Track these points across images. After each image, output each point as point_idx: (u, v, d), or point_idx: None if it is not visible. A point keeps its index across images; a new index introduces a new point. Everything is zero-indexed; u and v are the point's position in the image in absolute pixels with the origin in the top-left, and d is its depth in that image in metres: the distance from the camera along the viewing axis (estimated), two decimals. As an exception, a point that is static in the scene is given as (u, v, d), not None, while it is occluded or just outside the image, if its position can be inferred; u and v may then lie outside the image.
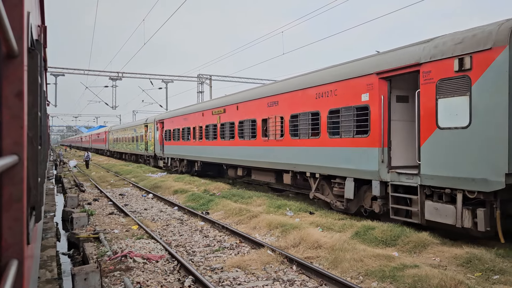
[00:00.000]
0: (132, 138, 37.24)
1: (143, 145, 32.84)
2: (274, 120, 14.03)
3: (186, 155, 23.23)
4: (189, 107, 23.79)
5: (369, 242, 8.19)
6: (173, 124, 25.33)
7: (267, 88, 15.36)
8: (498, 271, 6.27)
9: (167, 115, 27.80)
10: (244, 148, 16.18)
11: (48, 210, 12.45)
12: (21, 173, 1.35)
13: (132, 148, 37.54)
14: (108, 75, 39.10)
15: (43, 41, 4.58)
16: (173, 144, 25.32)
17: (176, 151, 24.81)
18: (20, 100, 1.36)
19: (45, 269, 6.79)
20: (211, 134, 19.31)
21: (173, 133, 25.23)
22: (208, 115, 19.88)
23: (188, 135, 22.66)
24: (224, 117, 18.11)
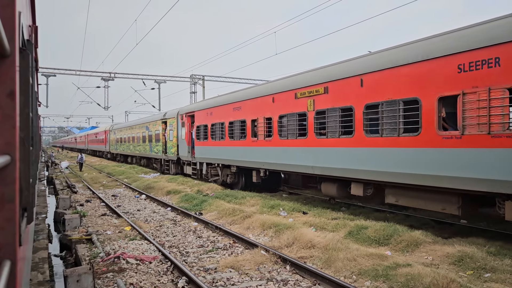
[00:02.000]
0: (143, 138, 30.78)
1: (159, 146, 26.40)
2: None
3: (236, 159, 16.25)
4: (244, 91, 16.74)
5: (362, 242, 8.23)
6: (212, 118, 18.53)
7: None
8: (489, 269, 6.33)
9: (200, 105, 20.62)
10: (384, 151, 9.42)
11: (40, 212, 12.34)
12: (13, 173, 1.34)
13: (142, 150, 31.07)
14: (100, 76, 38.86)
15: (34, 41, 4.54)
16: (210, 144, 18.57)
17: (217, 154, 17.84)
18: (12, 100, 1.35)
19: (37, 271, 6.73)
20: (294, 129, 12.58)
21: (212, 129, 18.31)
22: (286, 99, 12.98)
23: (243, 132, 15.69)
24: (326, 101, 11.19)
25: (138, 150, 32.54)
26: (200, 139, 19.77)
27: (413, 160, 8.64)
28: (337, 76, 10.94)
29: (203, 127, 19.54)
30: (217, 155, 17.95)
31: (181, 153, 22.45)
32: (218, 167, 18.22)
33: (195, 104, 22.65)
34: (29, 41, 2.69)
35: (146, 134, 30.14)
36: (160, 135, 26.32)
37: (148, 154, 29.72)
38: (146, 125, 30.27)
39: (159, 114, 28.07)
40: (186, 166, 22.32)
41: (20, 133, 1.61)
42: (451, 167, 7.84)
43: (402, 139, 8.96)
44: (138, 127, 32.58)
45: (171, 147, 24.06)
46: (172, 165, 24.75)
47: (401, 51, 9.26)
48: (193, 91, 40.90)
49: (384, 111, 9.35)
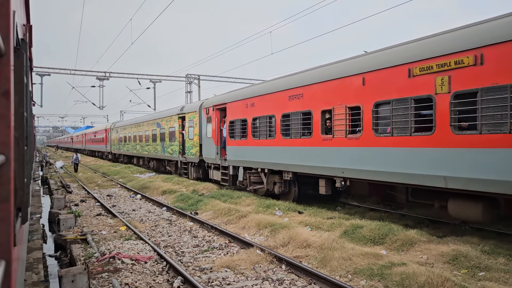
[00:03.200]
0: (153, 137, 26.98)
1: (175, 146, 22.76)
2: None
3: (294, 164, 12.28)
4: (308, 73, 12.17)
5: (358, 241, 8.26)
6: (253, 110, 14.26)
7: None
8: (483, 268, 6.38)
9: (235, 95, 16.08)
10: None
11: (34, 212, 12.28)
12: (8, 173, 1.33)
13: (152, 150, 27.18)
14: (95, 75, 38.67)
15: (28, 40, 4.52)
16: (251, 144, 14.40)
17: (262, 157, 13.74)
18: (6, 99, 1.34)
19: (31, 272, 6.70)
20: (407, 121, 8.57)
21: (254, 125, 14.24)
22: (391, 79, 9.00)
23: (306, 128, 11.80)
24: (479, 76, 7.26)
25: (147, 151, 28.55)
26: (235, 138, 15.44)
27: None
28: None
29: (239, 123, 15.27)
30: (261, 158, 13.76)
31: (206, 154, 18.16)
32: (262, 173, 14.06)
33: (226, 94, 17.06)
34: (24, 40, 2.67)
35: (157, 132, 26.21)
36: (176, 133, 22.53)
37: (160, 155, 25.60)
38: (157, 121, 26.28)
39: (174, 109, 23.55)
40: (212, 171, 17.90)
41: (15, 133, 1.60)
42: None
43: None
44: (147, 124, 28.63)
45: (191, 147, 20.17)
46: (191, 169, 20.73)
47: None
48: (189, 91, 40.84)
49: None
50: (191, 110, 20.64)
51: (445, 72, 7.81)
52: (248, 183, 14.88)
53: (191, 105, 21.65)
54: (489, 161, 7.02)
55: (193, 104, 21.33)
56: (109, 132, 42.52)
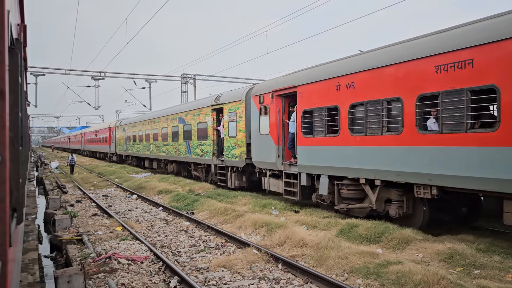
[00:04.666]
0: (174, 134, 22.36)
1: (207, 145, 18.16)
2: None
3: (440, 174, 7.79)
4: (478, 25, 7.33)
5: (354, 240, 8.28)
6: (353, 93, 9.86)
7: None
8: (479, 266, 6.42)
9: (313, 74, 11.43)
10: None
11: (30, 213, 12.21)
12: (3, 173, 1.32)
13: (173, 151, 22.54)
14: (90, 75, 38.52)
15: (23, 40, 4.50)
16: (346, 142, 10.11)
17: (373, 162, 9.35)
18: (1, 99, 1.34)
19: (27, 273, 6.66)
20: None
21: (354, 114, 9.91)
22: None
23: (487, 116, 7.67)
24: None
25: (165, 152, 23.88)
26: (314, 134, 11.03)
27: None
28: None
29: (323, 112, 10.66)
30: (370, 163, 9.35)
31: (258, 156, 13.86)
32: (367, 185, 9.68)
33: (298, 73, 12.21)
34: (18, 40, 2.66)
35: (179, 128, 21.55)
36: (208, 130, 18.02)
37: (184, 157, 21.00)
38: (179, 116, 21.68)
39: (205, 99, 19.35)
40: (268, 179, 13.57)
41: (10, 133, 1.59)
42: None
43: None
44: (165, 120, 23.95)
45: (233, 146, 15.79)
46: (232, 175, 16.11)
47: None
48: (184, 90, 40.78)
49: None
50: (233, 99, 15.91)
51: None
52: (336, 199, 10.56)
53: (232, 93, 16.62)
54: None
55: (236, 92, 16.31)
56: (114, 131, 37.61)
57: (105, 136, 41.17)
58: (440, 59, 7.74)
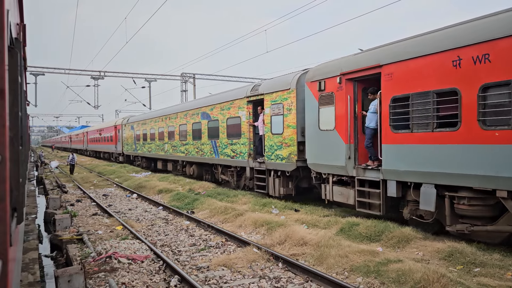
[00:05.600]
0: (195, 132, 19.38)
1: (241, 145, 15.30)
2: None
3: None
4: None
5: (354, 238, 8.29)
6: (487, 68, 6.88)
7: None
8: (479, 264, 6.42)
9: (411, 48, 8.47)
10: None
11: (30, 212, 12.21)
12: (3, 172, 1.32)
13: (194, 151, 19.60)
14: (89, 74, 38.52)
15: (22, 39, 4.49)
16: (473, 139, 7.16)
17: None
18: (1, 98, 1.34)
19: (27, 272, 6.66)
20: None
21: (493, 99, 6.84)
22: None
23: None
24: None
25: (184, 152, 20.93)
26: (414, 128, 8.25)
27: None
28: None
29: (433, 99, 7.87)
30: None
31: (317, 158, 11.17)
32: (510, 200, 6.88)
33: (385, 47, 9.32)
34: (17, 40, 2.66)
35: (202, 125, 18.49)
36: (242, 126, 15.12)
37: (209, 158, 17.98)
38: (202, 110, 18.61)
39: (237, 90, 16.53)
40: (331, 186, 10.78)
41: (10, 133, 1.59)
42: None
43: None
44: (183, 116, 21.05)
45: (279, 146, 12.94)
46: (275, 181, 13.18)
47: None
48: (184, 90, 40.77)
49: None
50: (278, 88, 13.06)
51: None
52: (448, 216, 7.82)
53: (276, 81, 13.62)
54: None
55: (282, 79, 13.33)
56: (120, 129, 34.78)
57: (111, 135, 38.19)
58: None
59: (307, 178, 12.42)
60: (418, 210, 8.52)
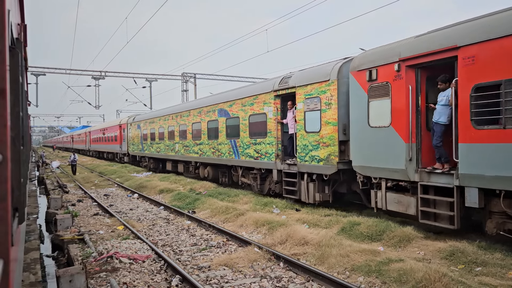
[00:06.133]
0: (211, 131, 17.77)
1: (266, 145, 13.70)
2: None
3: None
4: None
5: (355, 238, 8.28)
6: None
7: None
8: (480, 263, 6.42)
9: (504, 23, 6.76)
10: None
11: (31, 212, 12.22)
12: (5, 172, 1.32)
13: (210, 151, 17.86)
14: (90, 74, 38.57)
15: (23, 39, 4.50)
16: None
17: None
18: (3, 98, 1.34)
19: (28, 272, 6.67)
20: None
21: None
22: None
23: None
24: None
25: (197, 152, 19.28)
26: (508, 124, 6.70)
27: None
28: None
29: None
30: None
31: (366, 159, 9.65)
32: None
33: (462, 25, 7.74)
34: (18, 40, 2.66)
35: (220, 123, 16.91)
36: (269, 123, 13.49)
37: (227, 159, 16.30)
38: (218, 107, 17.11)
39: (262, 83, 14.88)
40: (386, 193, 9.27)
41: (11, 133, 1.59)
42: None
43: None
44: (197, 113, 19.39)
45: (314, 145, 11.33)
46: (310, 186, 11.56)
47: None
48: (185, 89, 40.80)
49: None
50: (315, 80, 11.40)
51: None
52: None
53: (311, 72, 11.90)
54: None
55: (319, 70, 11.60)
56: (126, 128, 33.12)
57: (115, 134, 36.33)
58: None
59: (347, 183, 11.13)
60: (508, 224, 7.11)
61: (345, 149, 10.64)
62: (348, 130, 10.47)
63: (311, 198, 11.56)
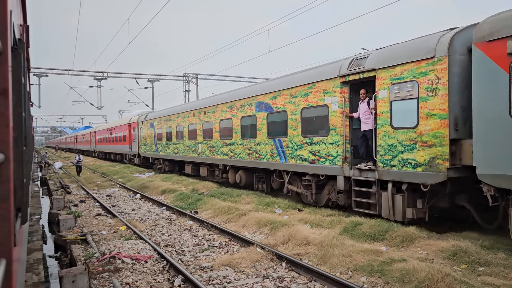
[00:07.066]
0: (246, 129, 15.36)
1: (326, 145, 11.10)
2: None
3: None
4: None
5: (358, 238, 8.27)
6: None
7: None
8: (483, 263, 6.40)
9: None
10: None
11: (34, 213, 12.25)
12: (7, 171, 1.33)
13: (244, 153, 15.37)
14: (93, 75, 38.67)
15: (25, 40, 4.51)
16: None
17: None
18: (5, 98, 1.34)
19: (31, 273, 6.69)
20: None
21: None
22: None
23: None
24: None
25: (227, 154, 16.71)
26: None
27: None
28: None
29: None
30: None
31: (508, 165, 6.83)
32: None
33: None
34: (21, 40, 2.67)
35: (259, 119, 14.33)
36: (332, 118, 10.92)
37: (270, 162, 13.70)
38: (256, 100, 14.55)
39: (321, 68, 11.90)
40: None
41: (13, 133, 1.60)
42: None
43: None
44: (226, 109, 16.84)
45: (408, 146, 8.91)
46: (396, 198, 9.16)
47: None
48: (187, 90, 40.84)
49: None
50: (408, 59, 8.85)
51: None
52: None
53: (400, 48, 9.32)
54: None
55: (413, 45, 9.04)
56: (136, 128, 30.59)
57: (124, 134, 33.82)
58: None
59: (450, 195, 8.64)
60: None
61: (456, 151, 8.02)
62: (462, 125, 8.03)
63: (398, 214, 8.99)
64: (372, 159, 9.79)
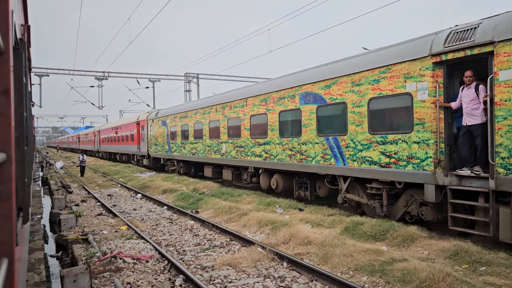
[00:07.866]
0: (284, 126, 12.98)
1: (409, 144, 8.58)
2: None
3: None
4: None
5: (359, 237, 8.27)
6: None
7: None
8: (484, 263, 6.39)
9: None
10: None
11: (35, 212, 12.27)
12: (9, 171, 1.33)
13: (283, 154, 12.83)
14: (94, 75, 38.69)
15: (27, 40, 4.51)
16: None
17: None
18: (7, 97, 1.34)
19: (33, 272, 6.70)
20: None
21: None
22: None
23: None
24: None
25: (260, 155, 14.29)
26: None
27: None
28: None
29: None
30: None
31: None
32: None
33: None
34: (22, 40, 2.67)
35: (305, 114, 11.90)
36: (417, 110, 8.46)
37: (320, 165, 11.21)
38: (303, 90, 12.00)
39: (400, 46, 9.21)
40: None
41: (15, 133, 1.60)
42: None
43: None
44: (258, 103, 14.51)
45: None
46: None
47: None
48: (188, 90, 40.86)
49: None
50: None
51: None
52: None
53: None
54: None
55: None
56: (145, 126, 28.30)
57: (132, 133, 31.50)
58: None
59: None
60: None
61: None
62: None
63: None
64: (477, 163, 7.65)
